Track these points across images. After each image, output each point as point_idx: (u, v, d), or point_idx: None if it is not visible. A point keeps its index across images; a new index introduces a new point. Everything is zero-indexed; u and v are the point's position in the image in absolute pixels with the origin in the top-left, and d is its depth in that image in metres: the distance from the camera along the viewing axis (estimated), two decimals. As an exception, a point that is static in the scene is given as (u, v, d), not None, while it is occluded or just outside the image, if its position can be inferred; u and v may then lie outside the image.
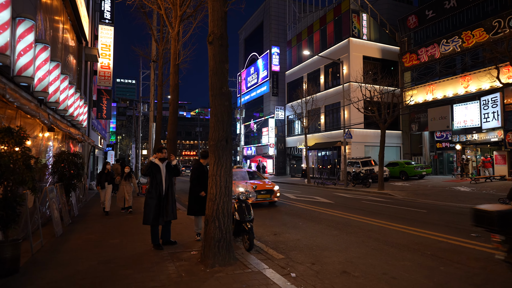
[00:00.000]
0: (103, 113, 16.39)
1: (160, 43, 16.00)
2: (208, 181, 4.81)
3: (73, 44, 12.19)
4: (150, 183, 5.26)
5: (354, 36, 26.76)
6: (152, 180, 5.26)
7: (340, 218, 8.66)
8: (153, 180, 5.26)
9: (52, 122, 5.02)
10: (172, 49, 10.31)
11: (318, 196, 14.66)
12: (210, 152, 4.78)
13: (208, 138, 4.91)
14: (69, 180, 7.75)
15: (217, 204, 4.60)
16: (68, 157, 7.71)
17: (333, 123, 28.88)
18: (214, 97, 4.83)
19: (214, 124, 4.77)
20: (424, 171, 21.58)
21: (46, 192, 6.05)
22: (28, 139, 4.22)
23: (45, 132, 7.39)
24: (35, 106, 4.13)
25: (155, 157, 5.35)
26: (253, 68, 42.98)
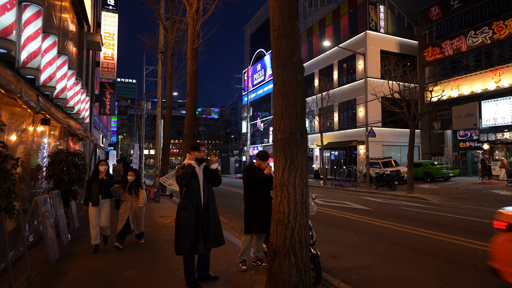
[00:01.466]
0: (106, 108, 14.82)
1: (169, 31, 14.47)
2: (274, 194, 3.27)
3: (73, 29, 10.64)
4: (184, 195, 3.69)
5: (371, 29, 25.23)
6: (187, 191, 3.69)
7: (398, 232, 7.11)
8: (189, 191, 3.70)
9: (43, 107, 3.50)
10: (190, 30, 8.77)
11: (346, 200, 13.12)
12: (277, 151, 3.23)
13: (273, 130, 3.36)
14: (68, 185, 6.20)
15: (292, 228, 3.05)
16: (67, 157, 6.16)
17: (348, 121, 27.33)
18: (281, 69, 3.29)
19: (283, 109, 3.23)
20: (451, 173, 20.05)
21: (37, 204, 4.50)
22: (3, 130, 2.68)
23: (38, 126, 5.84)
24: (14, 78, 2.61)
25: (190, 158, 3.79)
26: (260, 65, 41.44)
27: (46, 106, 3.62)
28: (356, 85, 25.88)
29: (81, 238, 6.26)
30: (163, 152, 14.77)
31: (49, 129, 6.73)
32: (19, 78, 2.70)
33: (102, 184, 5.50)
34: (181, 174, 3.59)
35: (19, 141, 4.96)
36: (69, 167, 6.08)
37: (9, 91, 2.52)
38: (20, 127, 4.99)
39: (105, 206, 5.61)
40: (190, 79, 8.75)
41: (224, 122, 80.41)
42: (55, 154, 6.09)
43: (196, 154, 3.79)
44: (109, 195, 5.66)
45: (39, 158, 6.17)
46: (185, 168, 3.63)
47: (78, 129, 6.75)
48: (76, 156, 6.34)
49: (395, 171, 17.95)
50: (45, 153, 6.50)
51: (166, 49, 15.12)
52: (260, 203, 4.42)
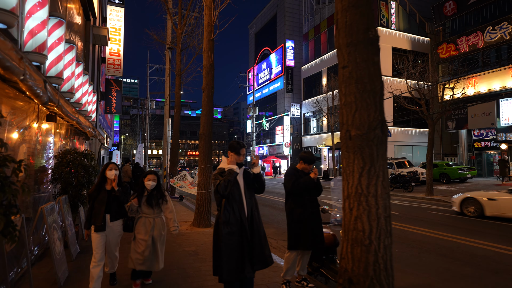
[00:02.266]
0: (112, 106, 14.17)
1: (178, 25, 13.80)
2: (346, 206, 2.57)
3: (79, 21, 9.97)
4: (225, 208, 2.97)
5: (382, 25, 24.53)
6: (228, 203, 2.98)
7: (440, 241, 6.41)
8: (229, 202, 2.98)
9: (51, 97, 2.82)
10: (206, 20, 8.08)
11: (366, 204, 12.40)
12: (350, 151, 2.54)
13: (342, 125, 2.66)
14: (77, 190, 5.52)
15: (375, 252, 2.36)
16: (75, 158, 5.48)
17: (358, 120, 26.57)
18: (353, 47, 2.60)
19: (357, 97, 2.54)
20: (468, 173, 19.30)
21: (43, 213, 3.82)
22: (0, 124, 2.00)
23: (43, 122, 5.17)
24: (15, 54, 1.95)
25: (230, 162, 3.06)
26: (265, 63, 40.74)
27: (55, 96, 2.95)
28: (367, 84, 25.14)
29: (91, 249, 5.56)
30: (171, 153, 14.10)
31: (55, 127, 6.06)
32: (23, 55, 2.04)
33: (112, 198, 3.73)
34: (221, 182, 2.88)
35: (22, 139, 4.28)
36: (78, 169, 5.40)
37: (9, 69, 1.86)
38: (22, 124, 4.31)
39: (115, 230, 3.81)
40: (206, 73, 8.06)
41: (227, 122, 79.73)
42: (62, 155, 5.42)
43: (235, 158, 3.08)
44: (122, 214, 3.84)
45: (44, 159, 5.50)
46: (226, 174, 2.92)
47: (87, 126, 6.08)
48: (86, 156, 5.66)
49: (412, 172, 17.21)
50: (51, 154, 5.83)
51: (174, 44, 14.44)
52: (308, 213, 3.74)
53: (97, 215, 3.68)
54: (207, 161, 7.87)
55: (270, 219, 8.84)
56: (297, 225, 3.73)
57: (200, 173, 7.78)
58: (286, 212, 3.93)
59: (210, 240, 6.13)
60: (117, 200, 3.78)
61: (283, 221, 8.48)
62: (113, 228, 3.81)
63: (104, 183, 3.81)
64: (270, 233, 7.43)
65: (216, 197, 3.01)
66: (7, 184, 1.96)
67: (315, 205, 3.83)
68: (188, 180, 11.24)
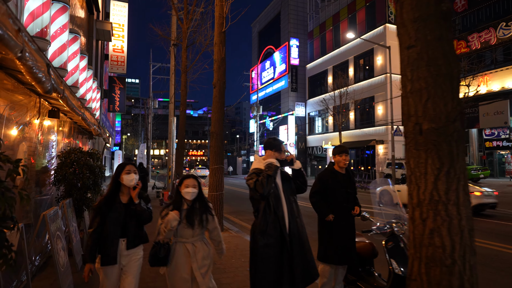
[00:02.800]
0: (116, 105, 13.74)
1: (184, 20, 13.35)
2: (417, 217, 2.10)
3: (82, 15, 9.54)
4: (263, 213, 2.50)
5: (390, 22, 24.02)
6: (266, 207, 2.51)
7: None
8: (268, 206, 2.54)
9: (56, 85, 2.36)
10: (217, 11, 7.62)
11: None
12: (421, 148, 2.07)
13: (408, 117, 2.19)
14: (81, 192, 5.07)
15: (460, 274, 1.89)
16: (80, 157, 5.03)
17: (366, 119, 26.11)
18: (422, 22, 2.13)
19: (429, 83, 2.07)
20: (481, 174, 18.80)
21: (46, 220, 3.37)
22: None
23: (45, 119, 4.72)
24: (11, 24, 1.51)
25: (268, 160, 2.59)
26: (269, 62, 40.27)
27: (59, 85, 2.50)
28: (375, 82, 24.67)
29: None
30: (177, 153, 13.65)
31: (58, 124, 5.62)
32: (21, 27, 1.59)
33: (130, 215, 2.62)
34: (259, 179, 2.42)
35: (22, 137, 3.84)
36: (83, 169, 4.95)
37: (1, 40, 1.42)
38: (22, 120, 3.87)
39: (134, 263, 2.65)
40: (217, 67, 7.60)
41: (229, 121, 79.36)
42: (66, 154, 4.97)
43: (275, 155, 2.62)
44: (143, 238, 2.73)
45: (46, 159, 5.05)
46: (265, 169, 2.47)
47: (93, 123, 5.63)
48: (91, 156, 5.21)
49: (424, 172, 16.67)
50: (54, 153, 5.38)
51: (180, 40, 13.99)
52: (343, 221, 3.32)
53: (108, 240, 2.49)
54: (219, 161, 7.41)
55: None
56: (323, 236, 3.32)
57: (212, 174, 7.32)
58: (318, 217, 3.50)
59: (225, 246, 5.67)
60: (138, 217, 2.63)
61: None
62: (131, 260, 2.60)
63: (118, 192, 2.65)
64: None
65: (253, 202, 2.56)
66: (0, 191, 1.50)
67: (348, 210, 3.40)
68: (196, 181, 10.79)
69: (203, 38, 13.42)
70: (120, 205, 2.63)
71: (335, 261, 3.31)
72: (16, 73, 2.85)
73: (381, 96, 24.11)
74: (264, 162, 2.59)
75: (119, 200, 2.65)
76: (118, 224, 2.56)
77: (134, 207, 2.63)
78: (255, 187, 2.41)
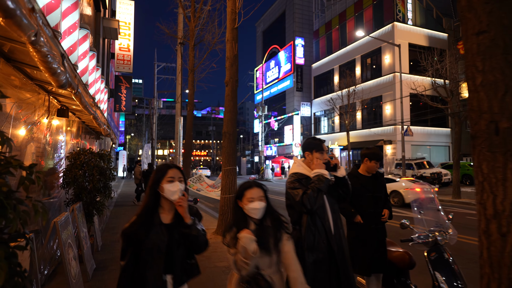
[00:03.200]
0: (122, 104, 13.51)
1: (191, 18, 13.09)
2: (491, 228, 1.81)
3: (89, 12, 9.31)
4: (308, 226, 2.20)
5: (398, 20, 23.66)
6: (311, 220, 2.21)
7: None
8: (313, 220, 2.23)
9: (70, 79, 2.10)
10: (229, 6, 7.35)
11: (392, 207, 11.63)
12: (494, 150, 1.77)
13: (475, 113, 1.89)
14: (92, 195, 4.81)
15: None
16: (90, 158, 4.77)
17: (374, 119, 25.75)
18: (497, 3, 1.84)
19: (506, 74, 1.78)
20: None
21: (57, 227, 3.10)
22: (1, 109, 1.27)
23: (53, 118, 4.46)
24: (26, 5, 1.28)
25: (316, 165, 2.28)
26: (274, 61, 39.96)
27: (73, 79, 2.23)
28: (382, 81, 24.31)
29: (107, 264, 4.85)
30: (184, 153, 13.40)
31: (66, 124, 5.36)
32: (35, 5, 1.34)
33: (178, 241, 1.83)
34: (309, 192, 2.12)
35: (30, 137, 3.58)
36: (93, 171, 4.68)
37: (11, 16, 1.15)
38: (30, 119, 3.61)
39: None
40: (230, 65, 7.33)
41: (233, 121, 79.23)
42: (75, 155, 4.70)
43: (317, 157, 2.33)
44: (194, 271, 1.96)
45: (54, 160, 4.79)
46: (315, 181, 2.17)
47: (103, 123, 5.37)
48: (102, 157, 4.94)
49: (436, 174, 16.35)
50: (62, 154, 5.12)
51: (187, 39, 13.74)
52: (370, 228, 3.06)
53: (147, 279, 1.73)
54: (232, 162, 7.13)
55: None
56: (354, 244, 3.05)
57: (224, 176, 7.05)
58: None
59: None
60: (191, 244, 1.85)
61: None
62: None
63: (157, 208, 1.84)
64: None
65: (293, 212, 2.27)
66: (10, 204, 1.22)
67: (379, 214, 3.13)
68: (206, 182, 10.50)
69: (210, 36, 13.17)
70: (162, 227, 1.79)
71: (365, 271, 3.05)
72: (25, 66, 2.58)
73: (389, 95, 23.75)
74: (306, 167, 2.31)
75: (158, 220, 1.81)
76: (160, 255, 1.75)
77: (184, 230, 1.79)
78: (302, 201, 2.12)
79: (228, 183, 6.96)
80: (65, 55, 1.94)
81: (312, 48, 34.76)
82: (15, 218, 1.24)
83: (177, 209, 1.82)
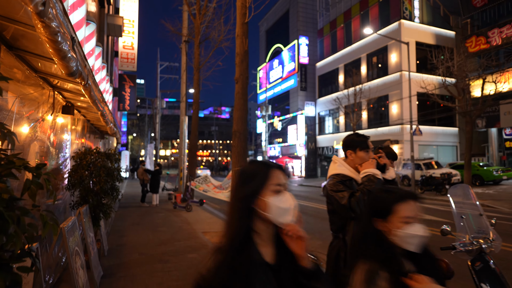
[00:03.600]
0: (126, 103, 13.25)
1: (197, 15, 12.83)
2: None
3: (93, 8, 9.04)
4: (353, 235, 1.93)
5: (405, 18, 23.31)
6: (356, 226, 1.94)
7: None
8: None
9: (81, 68, 1.84)
10: (240, 1, 7.06)
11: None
12: None
13: None
14: (98, 198, 4.53)
15: None
16: (96, 158, 4.50)
17: (380, 119, 25.42)
18: None
19: None
20: (504, 175, 18.00)
21: (63, 234, 2.82)
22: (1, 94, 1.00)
23: (58, 116, 4.19)
24: None
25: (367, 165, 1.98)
26: (277, 61, 39.65)
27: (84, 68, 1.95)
28: (389, 80, 23.97)
29: (115, 271, 4.57)
30: (190, 153, 13.13)
31: (71, 122, 5.09)
32: None
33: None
34: (358, 195, 1.83)
35: (33, 136, 3.30)
36: (100, 172, 4.40)
37: None
38: (34, 116, 3.34)
39: None
40: (240, 61, 7.03)
41: (235, 121, 79.03)
42: (81, 155, 4.43)
43: (363, 156, 2.04)
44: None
45: (59, 160, 4.52)
46: (365, 182, 1.89)
47: (110, 121, 5.10)
48: (109, 157, 4.67)
49: (446, 174, 15.97)
50: (67, 154, 4.85)
51: (192, 36, 13.47)
52: None
53: None
54: (242, 163, 6.83)
55: (310, 228, 7.79)
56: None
57: (235, 177, 6.75)
58: None
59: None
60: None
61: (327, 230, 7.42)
62: None
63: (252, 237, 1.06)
64: (316, 246, 6.38)
65: (336, 218, 1.98)
66: (13, 216, 0.94)
67: None
68: (213, 183, 10.22)
69: (216, 33, 12.90)
70: (267, 271, 1.02)
71: None
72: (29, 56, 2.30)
73: (396, 94, 23.41)
74: (349, 167, 2.01)
75: (259, 256, 1.04)
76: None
77: (307, 281, 1.04)
78: (350, 206, 1.82)
79: (239, 184, 6.67)
80: (75, 39, 1.67)
81: (316, 47, 34.43)
82: (19, 234, 0.95)
83: (286, 241, 1.05)
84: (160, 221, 8.43)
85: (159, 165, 11.93)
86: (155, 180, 11.41)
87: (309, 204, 12.48)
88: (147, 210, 10.43)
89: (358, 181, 1.98)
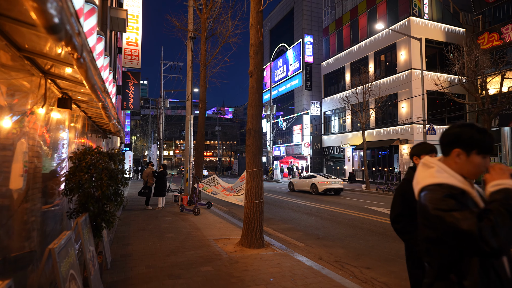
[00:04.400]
0: (130, 102, 12.69)
1: (203, 9, 12.25)
2: None
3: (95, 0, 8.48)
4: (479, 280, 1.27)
5: (414, 15, 22.68)
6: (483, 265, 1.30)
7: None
8: (487, 264, 1.30)
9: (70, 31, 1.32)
10: (254, -13, 6.49)
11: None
12: None
13: None
14: (100, 204, 3.96)
15: None
16: (98, 159, 3.92)
17: (388, 118, 24.76)
18: None
19: None
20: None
21: (53, 256, 2.24)
22: None
23: (53, 109, 3.63)
24: None
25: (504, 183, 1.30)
26: (282, 60, 39.08)
27: (74, 31, 1.37)
28: (398, 78, 23.33)
29: (119, 286, 3.99)
30: (196, 153, 12.56)
31: (69, 119, 4.52)
32: None
33: None
34: (493, 219, 1.20)
35: (20, 131, 2.73)
36: (102, 175, 3.83)
37: None
38: (20, 108, 2.77)
39: None
40: (254, 53, 6.47)
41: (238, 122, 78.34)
42: (80, 156, 3.85)
43: (479, 162, 1.43)
44: None
45: (54, 161, 3.96)
46: (505, 198, 1.26)
47: (114, 116, 4.53)
48: (112, 158, 4.09)
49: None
50: (64, 154, 4.29)
51: (198, 32, 12.90)
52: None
53: None
54: (258, 163, 6.25)
55: (328, 234, 7.17)
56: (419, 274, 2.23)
57: (249, 178, 6.16)
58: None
59: (277, 271, 4.51)
60: None
61: (346, 236, 6.83)
62: None
63: None
64: (340, 255, 5.78)
65: (442, 251, 1.36)
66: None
67: None
68: (222, 185, 9.63)
69: (224, 28, 12.32)
70: None
71: None
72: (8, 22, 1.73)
73: (405, 93, 22.77)
74: (456, 174, 1.41)
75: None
76: None
77: None
78: (481, 234, 1.20)
79: (254, 187, 6.08)
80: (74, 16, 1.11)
81: (321, 46, 33.82)
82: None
83: None
84: (167, 226, 7.85)
85: (164, 166, 11.34)
86: (162, 183, 10.82)
87: (321, 207, 11.87)
88: (152, 213, 9.86)
89: (472, 195, 1.38)
